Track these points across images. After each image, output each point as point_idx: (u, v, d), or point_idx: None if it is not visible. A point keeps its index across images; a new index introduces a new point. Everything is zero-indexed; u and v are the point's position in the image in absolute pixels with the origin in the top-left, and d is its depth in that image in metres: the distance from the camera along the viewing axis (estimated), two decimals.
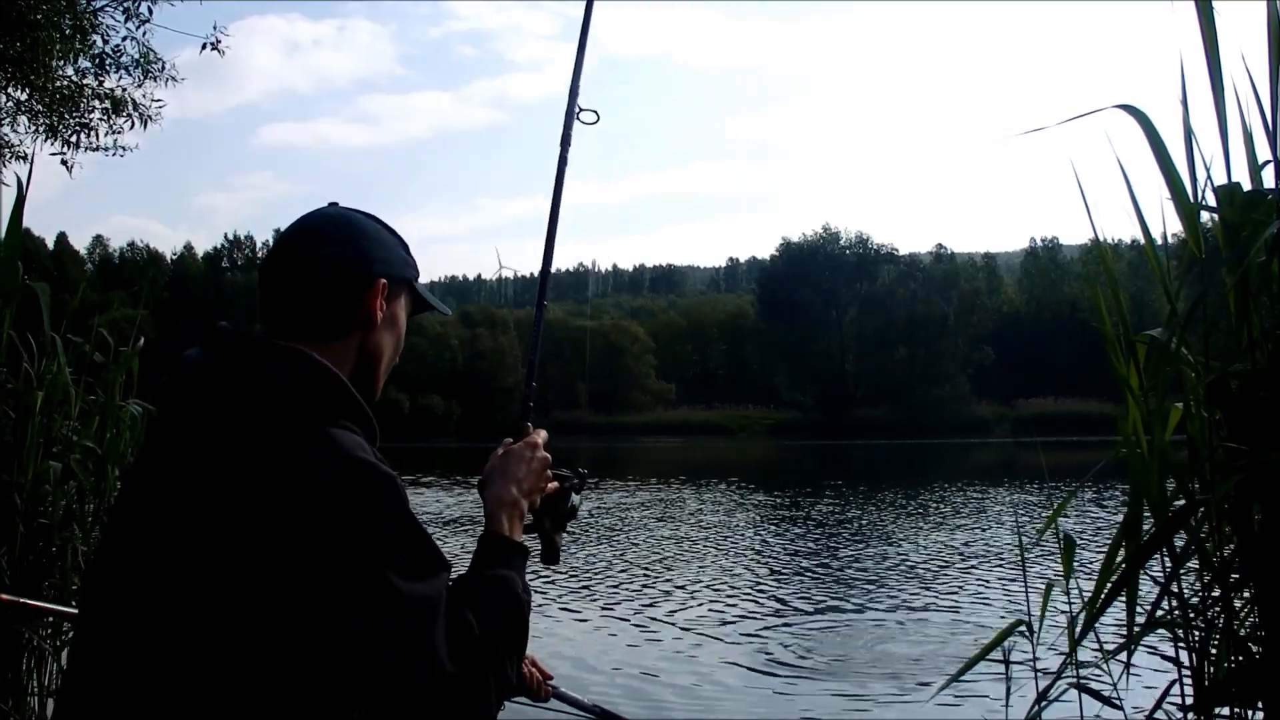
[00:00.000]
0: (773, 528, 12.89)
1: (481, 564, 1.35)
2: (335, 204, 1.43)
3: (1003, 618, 6.77)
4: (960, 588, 8.19)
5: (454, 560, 1.23)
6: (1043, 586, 2.73)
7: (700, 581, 8.62)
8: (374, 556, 1.14)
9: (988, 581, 8.45)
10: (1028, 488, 17.85)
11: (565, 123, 1.78)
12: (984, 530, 12.08)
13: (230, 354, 1.24)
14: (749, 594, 8.08)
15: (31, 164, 4.17)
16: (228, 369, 1.22)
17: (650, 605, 7.53)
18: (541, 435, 1.53)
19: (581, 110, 1.79)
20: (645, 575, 8.96)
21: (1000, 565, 9.29)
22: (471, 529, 11.19)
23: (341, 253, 1.33)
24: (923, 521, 13.17)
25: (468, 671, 1.19)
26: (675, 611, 7.29)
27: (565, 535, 1.60)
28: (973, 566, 9.28)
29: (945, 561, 9.60)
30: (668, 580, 8.70)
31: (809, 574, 9.08)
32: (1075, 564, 2.53)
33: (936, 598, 7.77)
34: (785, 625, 6.90)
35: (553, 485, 1.54)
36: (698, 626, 6.79)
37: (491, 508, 1.42)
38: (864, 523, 13.17)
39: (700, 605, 7.53)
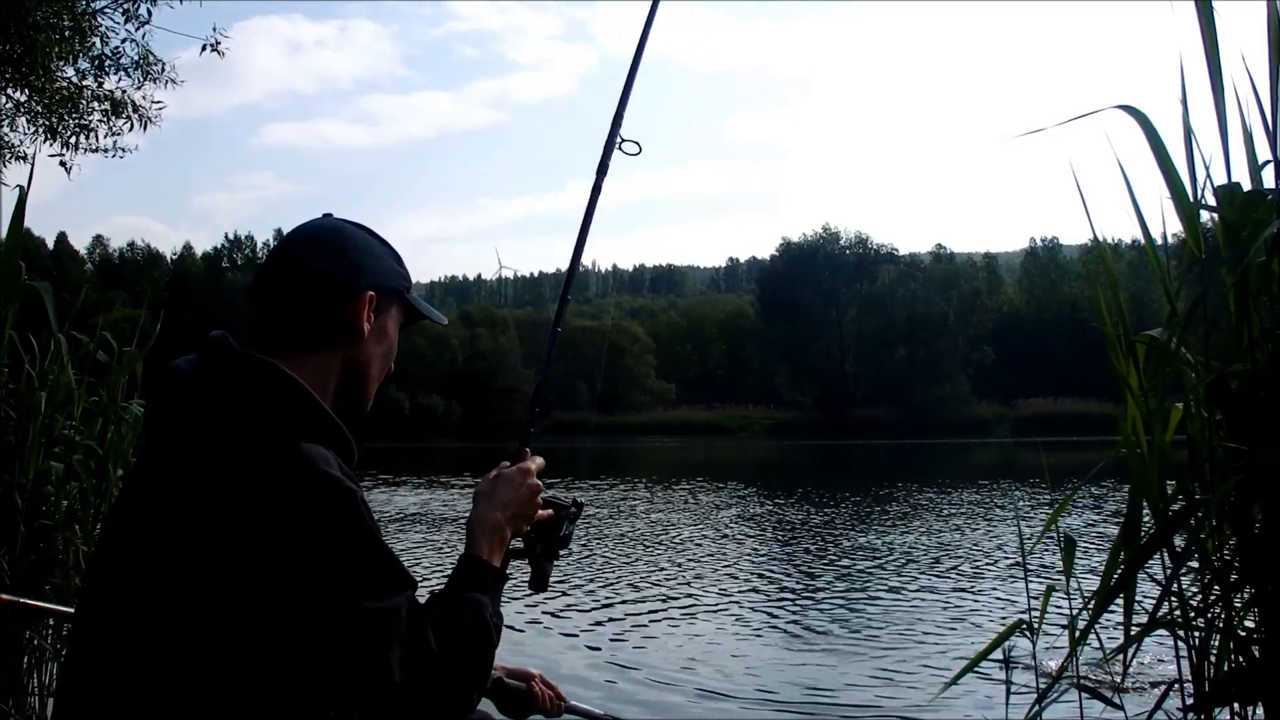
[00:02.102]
0: (772, 528, 12.89)
1: (454, 586, 1.35)
2: (329, 215, 1.44)
3: (1003, 618, 6.77)
4: (961, 588, 8.19)
5: (443, 564, 1.24)
6: (1043, 587, 2.73)
7: (699, 584, 8.62)
8: (332, 569, 1.16)
9: (989, 582, 8.45)
10: (1028, 488, 17.85)
11: (604, 151, 1.71)
12: (984, 530, 12.08)
13: (211, 367, 1.26)
14: (747, 595, 8.08)
15: (33, 165, 4.15)
16: (205, 383, 1.25)
17: (649, 607, 7.52)
18: (536, 462, 1.52)
19: (623, 141, 1.72)
20: (646, 579, 8.96)
21: (1001, 565, 9.29)
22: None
23: (329, 264, 1.34)
24: (923, 522, 13.16)
25: (420, 688, 1.19)
26: (673, 614, 7.29)
27: (556, 563, 1.60)
28: (973, 567, 9.28)
29: (946, 562, 9.60)
30: (668, 584, 8.70)
31: (808, 575, 9.08)
32: (1076, 564, 2.53)
33: (937, 598, 7.77)
34: (784, 626, 6.90)
35: (547, 512, 1.53)
36: (698, 629, 6.79)
37: (473, 531, 1.42)
38: (864, 523, 13.17)
39: (699, 608, 7.53)
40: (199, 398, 1.24)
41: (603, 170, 1.71)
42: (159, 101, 9.76)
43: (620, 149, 1.72)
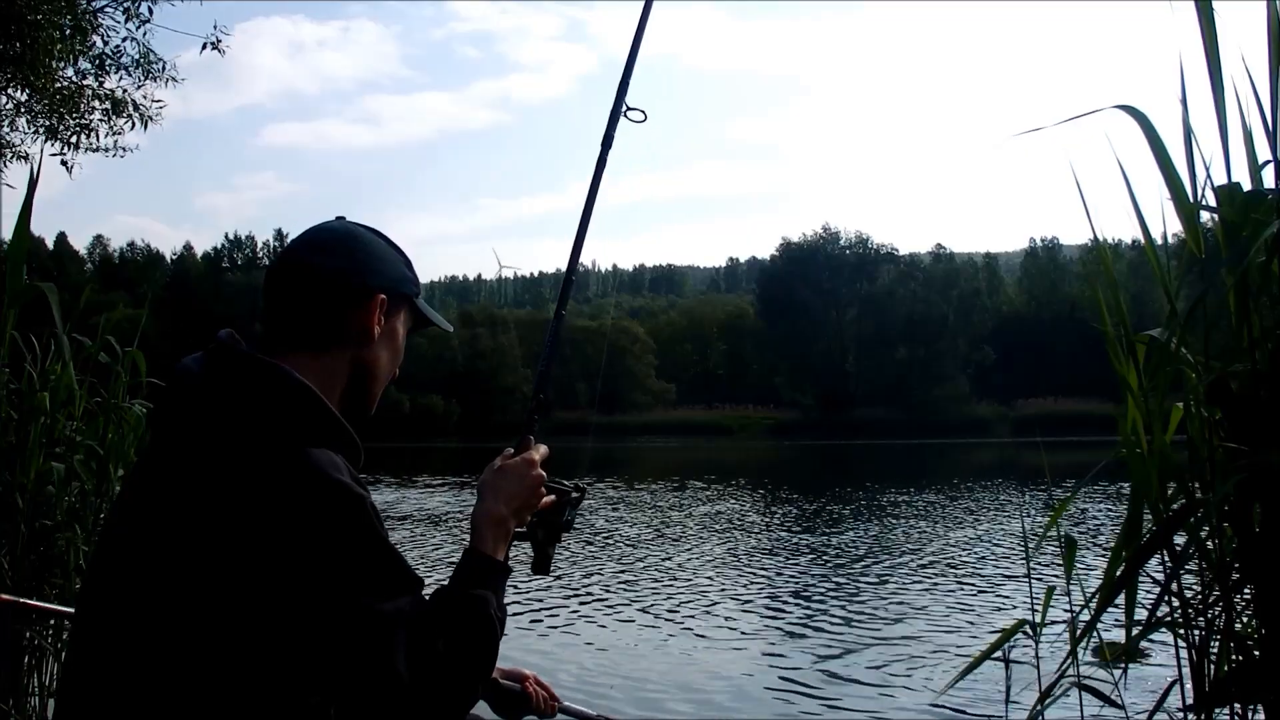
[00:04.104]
0: (773, 529, 12.88)
1: (459, 581, 1.35)
2: (342, 218, 1.44)
3: (1003, 618, 6.77)
4: (962, 588, 8.19)
5: (443, 560, 1.24)
6: (1044, 587, 2.73)
7: (699, 584, 8.62)
8: (340, 574, 1.17)
9: (990, 582, 8.46)
10: (1029, 488, 17.84)
11: (610, 121, 1.67)
12: (985, 530, 12.08)
13: (218, 369, 1.26)
14: (748, 595, 8.08)
15: (40, 165, 4.14)
16: (212, 384, 1.25)
17: (650, 609, 7.52)
18: (540, 451, 1.50)
19: (629, 109, 1.69)
20: (644, 578, 8.97)
21: (1002, 565, 9.29)
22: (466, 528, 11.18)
23: (341, 266, 1.34)
24: (924, 522, 13.17)
25: (427, 685, 1.20)
26: (674, 615, 7.28)
27: (559, 546, 1.60)
28: (975, 567, 9.28)
29: (946, 562, 9.60)
30: (666, 584, 8.70)
31: (809, 575, 9.08)
32: (1076, 564, 2.54)
33: (938, 598, 7.77)
34: (785, 626, 6.90)
35: (550, 498, 1.53)
36: (697, 629, 6.78)
37: (477, 524, 1.42)
38: (865, 523, 13.17)
39: (699, 607, 7.53)
40: (206, 399, 1.24)
41: (608, 142, 1.68)
42: (160, 101, 9.78)
43: (626, 116, 1.69)
